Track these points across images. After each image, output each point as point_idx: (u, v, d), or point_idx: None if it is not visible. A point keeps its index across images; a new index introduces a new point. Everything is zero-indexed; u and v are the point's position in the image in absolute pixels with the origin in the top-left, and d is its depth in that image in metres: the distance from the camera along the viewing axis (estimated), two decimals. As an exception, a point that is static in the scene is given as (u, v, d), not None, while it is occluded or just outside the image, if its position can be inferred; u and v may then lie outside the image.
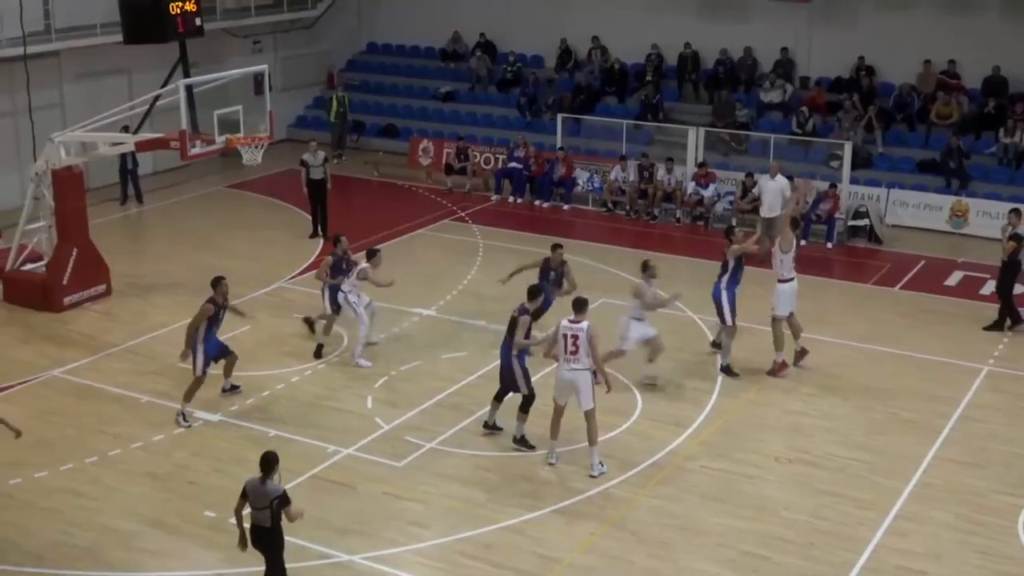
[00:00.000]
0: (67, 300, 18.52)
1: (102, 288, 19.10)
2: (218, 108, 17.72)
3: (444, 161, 26.90)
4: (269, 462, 10.19)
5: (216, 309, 14.61)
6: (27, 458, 13.64)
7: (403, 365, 16.35)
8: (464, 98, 30.33)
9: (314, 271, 18.01)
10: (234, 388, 15.41)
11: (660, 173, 24.22)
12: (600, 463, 13.34)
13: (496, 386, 14.25)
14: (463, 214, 24.39)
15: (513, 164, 25.74)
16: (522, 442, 13.86)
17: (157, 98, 19.88)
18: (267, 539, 10.30)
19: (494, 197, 25.73)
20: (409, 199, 25.78)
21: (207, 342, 14.57)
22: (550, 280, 16.61)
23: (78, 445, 13.96)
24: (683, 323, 18.00)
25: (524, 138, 26.14)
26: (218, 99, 18.16)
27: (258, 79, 18.63)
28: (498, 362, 14.25)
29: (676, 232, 23.46)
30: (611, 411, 14.72)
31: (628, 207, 24.46)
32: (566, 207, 25.01)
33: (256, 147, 18.04)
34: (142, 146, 18.84)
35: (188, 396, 14.63)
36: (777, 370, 16.01)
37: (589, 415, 13.21)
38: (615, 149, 25.57)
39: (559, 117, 26.19)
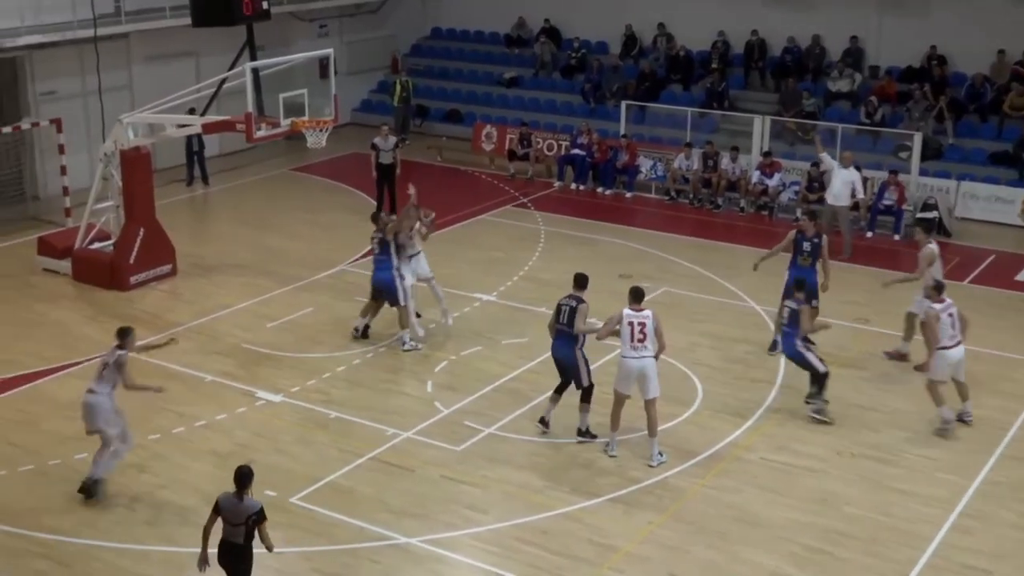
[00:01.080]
0: (133, 279, 18.78)
1: (168, 268, 19.34)
2: (284, 91, 17.83)
3: (507, 147, 26.87)
4: (244, 477, 9.74)
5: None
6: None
7: (463, 350, 16.37)
8: (528, 84, 30.27)
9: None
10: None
11: (724, 162, 24.00)
12: (660, 453, 13.28)
13: (555, 379, 14.17)
14: (525, 200, 24.37)
15: (576, 151, 25.65)
16: (586, 434, 13.81)
17: (224, 81, 20.05)
18: (239, 556, 9.80)
19: (556, 184, 25.67)
20: (471, 184, 25.80)
21: None
22: (803, 253, 16.04)
23: (143, 422, 14.14)
24: (745, 313, 17.84)
25: (587, 125, 26.04)
26: (284, 82, 18.26)
27: (323, 63, 18.67)
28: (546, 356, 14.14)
29: (739, 221, 23.25)
30: (671, 400, 14.64)
31: (691, 196, 24.28)
32: (628, 195, 24.89)
33: (320, 130, 18.13)
34: (209, 128, 19.01)
35: None
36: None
37: (651, 404, 13.17)
38: (679, 137, 25.39)
39: (623, 104, 26.05)
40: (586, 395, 13.77)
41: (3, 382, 15.34)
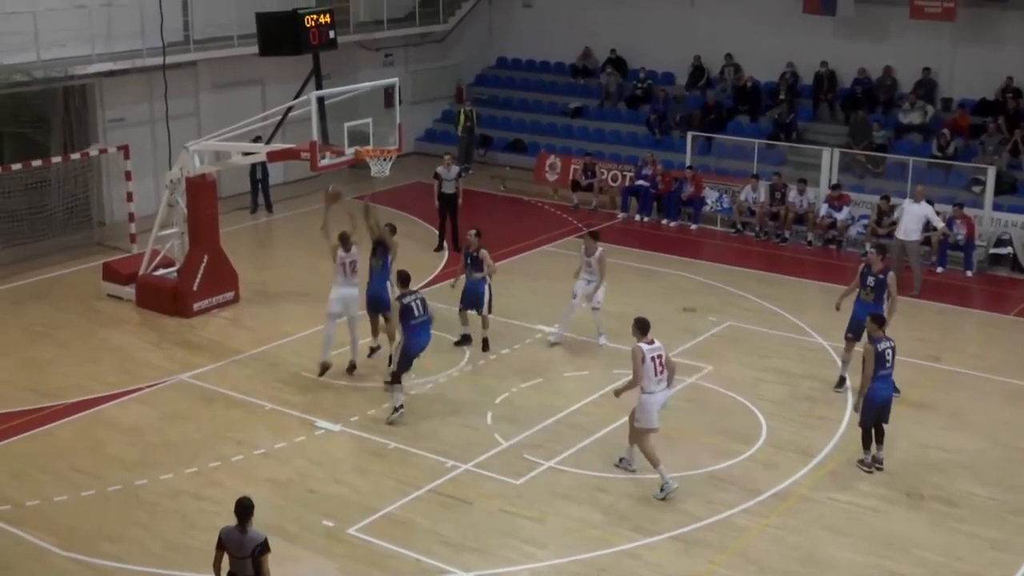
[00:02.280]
0: (197, 306, 19.03)
1: (231, 295, 19.58)
2: (348, 120, 17.99)
3: (571, 177, 26.91)
4: (246, 509, 9.65)
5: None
6: (154, 459, 14.06)
7: (524, 382, 16.38)
8: (593, 114, 30.34)
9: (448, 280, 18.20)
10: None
11: (792, 194, 23.84)
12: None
13: (618, 413, 14.13)
14: (588, 231, 24.31)
15: (640, 182, 25.62)
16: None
17: (289, 109, 20.34)
18: None
19: (620, 215, 25.65)
20: (535, 215, 25.86)
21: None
22: (866, 287, 15.80)
23: (203, 449, 14.31)
24: (811, 349, 17.67)
25: (652, 156, 26.00)
26: (349, 111, 18.46)
27: (388, 92, 18.84)
28: (616, 383, 14.10)
29: (807, 255, 23.05)
30: (734, 436, 14.52)
31: (758, 228, 24.13)
32: (693, 227, 24.79)
33: (384, 159, 18.27)
34: (274, 156, 19.26)
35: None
36: None
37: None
38: (746, 169, 25.26)
39: (689, 135, 26.01)
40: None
41: (68, 407, 15.60)
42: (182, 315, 18.90)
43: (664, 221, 25.10)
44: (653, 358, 13.06)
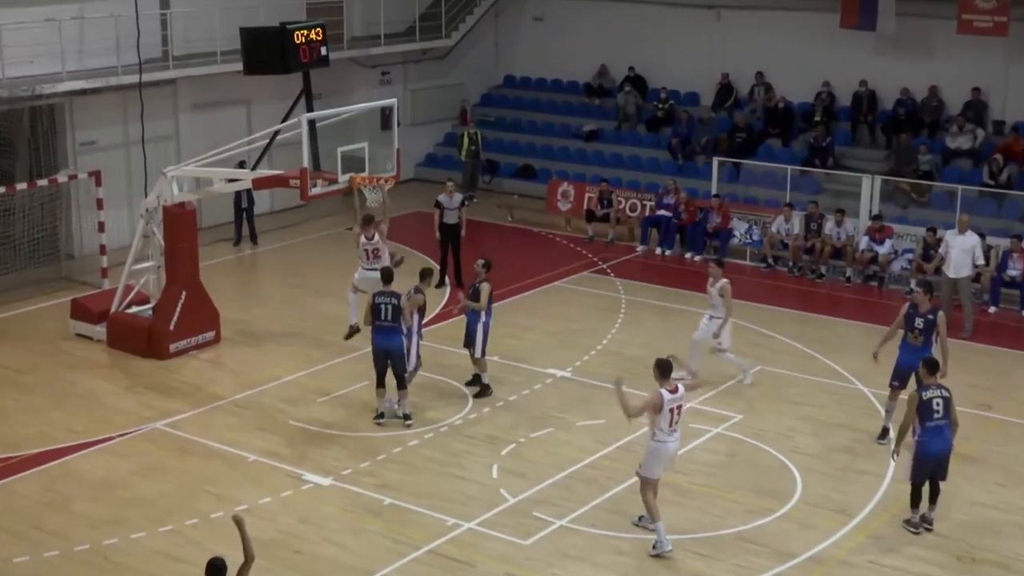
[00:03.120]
0: (173, 347, 19.06)
1: (211, 335, 19.61)
2: (342, 144, 18.11)
3: (585, 207, 26.98)
4: (218, 570, 9.90)
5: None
6: (125, 516, 14.03)
7: (533, 431, 16.36)
8: (609, 138, 30.47)
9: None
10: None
11: (829, 226, 23.87)
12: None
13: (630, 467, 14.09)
14: (604, 266, 24.40)
15: (662, 212, 25.68)
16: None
17: (277, 132, 20.44)
18: None
19: (640, 248, 25.68)
20: (545, 247, 25.91)
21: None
22: (913, 330, 15.71)
23: (179, 504, 14.29)
24: (850, 396, 17.62)
25: (675, 183, 26.09)
26: (342, 134, 18.56)
27: (386, 113, 18.94)
28: (636, 434, 14.12)
29: (845, 293, 23.04)
30: (766, 494, 14.47)
31: (791, 263, 24.15)
32: (720, 261, 24.81)
33: (381, 187, 18.37)
34: (260, 183, 19.34)
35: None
36: None
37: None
38: (778, 198, 25.32)
39: (715, 160, 26.08)
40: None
41: (32, 457, 15.59)
42: (157, 357, 18.92)
43: (688, 255, 25.13)
44: (672, 409, 13.09)
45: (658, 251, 25.43)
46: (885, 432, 15.98)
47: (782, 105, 28.27)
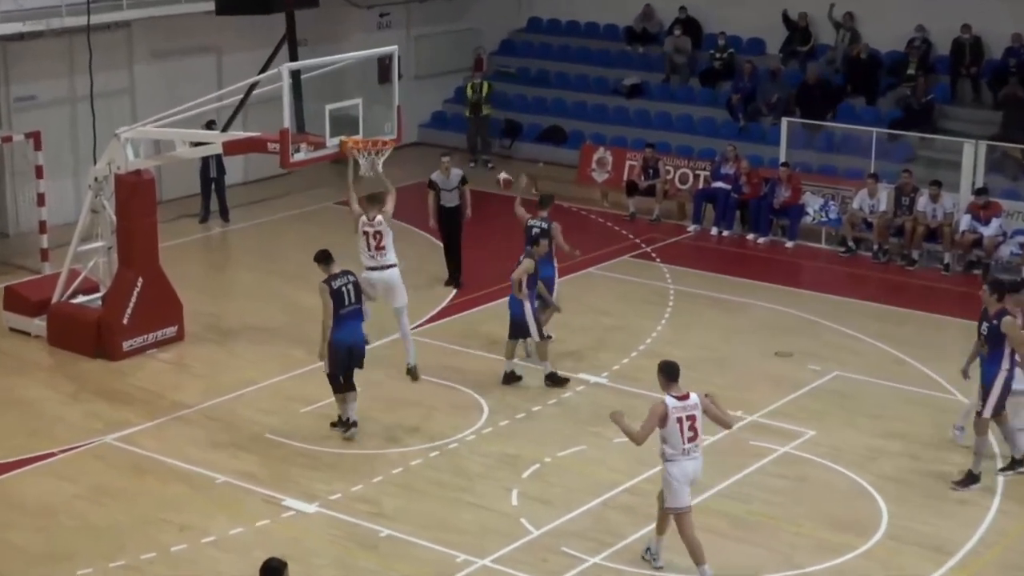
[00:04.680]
0: (127, 345, 19.12)
1: (172, 331, 19.66)
2: (331, 101, 18.12)
3: (626, 177, 26.96)
4: (275, 572, 10.30)
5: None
6: (70, 549, 14.09)
7: (561, 449, 16.36)
8: (656, 93, 30.43)
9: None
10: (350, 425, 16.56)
11: (923, 201, 23.81)
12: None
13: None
14: (648, 249, 24.39)
15: (719, 184, 25.64)
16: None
17: (254, 86, 20.48)
18: None
19: (691, 227, 25.66)
20: (577, 227, 25.84)
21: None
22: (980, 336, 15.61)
23: (133, 536, 14.34)
24: (948, 409, 17.58)
25: (735, 149, 26.04)
26: (332, 89, 18.56)
27: (384, 64, 18.98)
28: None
29: (943, 283, 22.96)
30: (843, 526, 14.46)
31: (876, 247, 24.11)
32: (789, 244, 24.79)
33: (378, 153, 18.36)
34: (232, 148, 19.36)
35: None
36: None
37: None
38: (861, 167, 25.25)
39: (784, 122, 26.04)
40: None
41: (-45, 478, 15.72)
42: (108, 357, 19.00)
43: (750, 236, 25.10)
44: (681, 419, 13.03)
45: (714, 231, 25.39)
46: (1014, 463, 15.82)
47: (866, 55, 28.19)
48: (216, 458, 16.14)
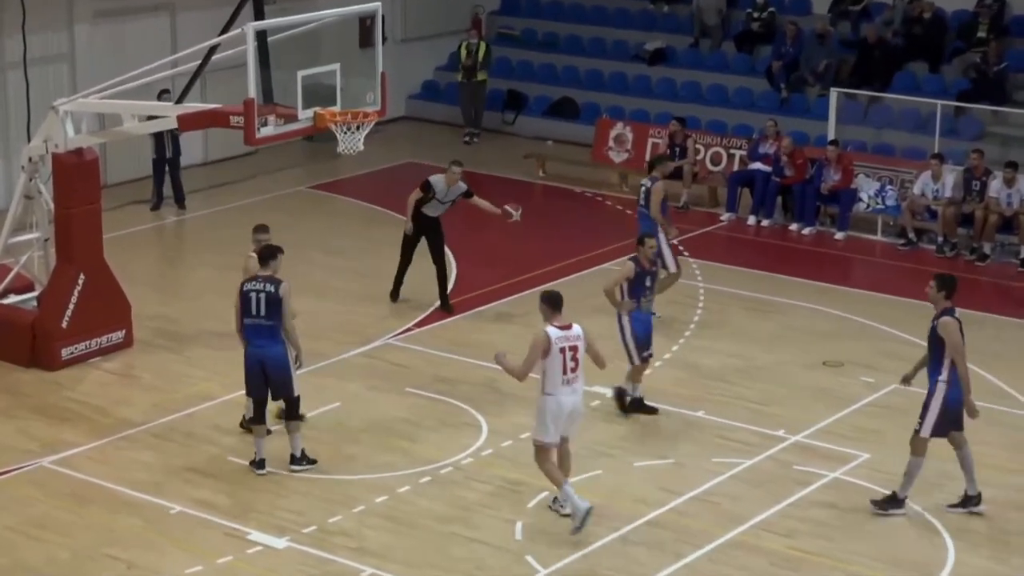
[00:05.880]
0: (67, 353, 19.13)
1: (119, 336, 19.68)
2: (304, 67, 18.13)
3: (648, 157, 26.93)
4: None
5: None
6: (-2, 590, 14.13)
7: (574, 475, 16.32)
8: (683, 60, 30.48)
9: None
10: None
11: (995, 186, 23.83)
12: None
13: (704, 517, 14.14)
14: (675, 241, 24.37)
15: (757, 165, 25.65)
16: None
17: (213, 50, 20.46)
18: None
19: (725, 216, 25.68)
20: (591, 215, 25.90)
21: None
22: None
23: (72, 573, 14.35)
24: (1022, 422, 17.64)
25: (776, 125, 26.06)
26: (305, 54, 18.59)
27: (366, 24, 18.97)
28: (718, 479, 14.13)
29: (1019, 281, 22.96)
30: (903, 566, 14.46)
31: (941, 238, 24.12)
32: (839, 235, 24.83)
33: (359, 127, 18.36)
34: (188, 122, 19.33)
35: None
36: None
37: (567, 442, 15.09)
38: (923, 146, 25.28)
39: (833, 93, 26.07)
40: None
41: None
42: (44, 366, 19.02)
43: (793, 226, 25.13)
44: (564, 349, 14.39)
45: (751, 220, 25.43)
46: (966, 500, 15.81)
47: (929, 15, 28.20)
48: (170, 484, 16.13)
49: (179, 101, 20.73)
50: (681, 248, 23.93)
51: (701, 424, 17.48)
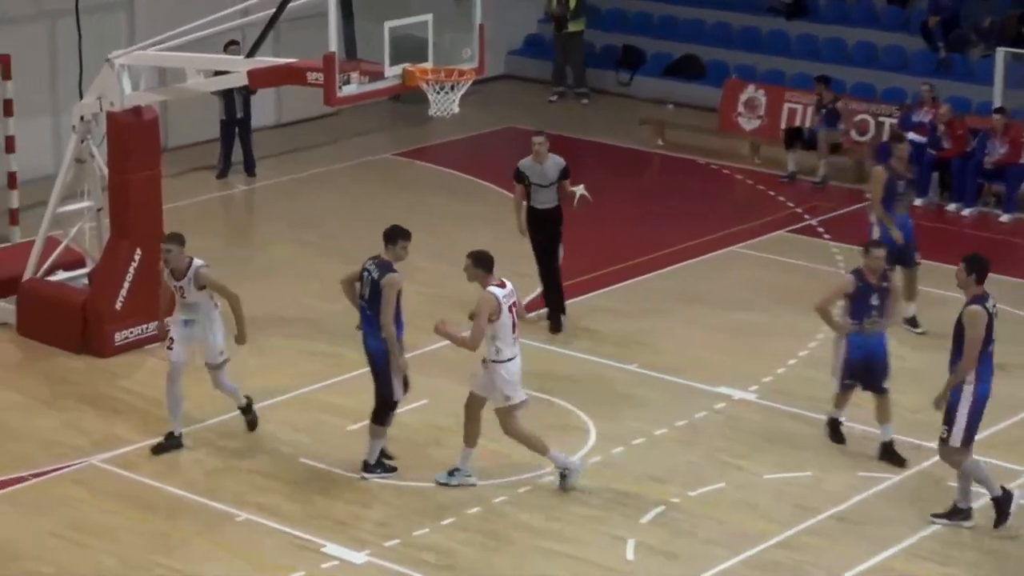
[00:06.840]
0: (120, 337, 19.31)
1: (179, 320, 19.82)
2: (391, 18, 18.14)
3: (784, 124, 26.83)
4: None
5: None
6: (40, 604, 14.25)
7: (695, 487, 16.30)
8: (824, 13, 30.35)
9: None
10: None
11: None
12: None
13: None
14: (813, 221, 24.24)
15: (910, 136, 25.43)
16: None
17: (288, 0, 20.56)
18: None
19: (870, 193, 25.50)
20: (718, 190, 25.83)
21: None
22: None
23: (122, 587, 14.48)
24: None
25: (932, 90, 25.86)
26: (393, 3, 18.60)
27: (463, -30, 19.04)
28: (861, 495, 14.02)
29: None
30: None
31: None
32: (1005, 217, 24.65)
33: (453, 87, 18.35)
34: (259, 78, 19.38)
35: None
36: None
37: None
38: (1106, 116, 25.04)
39: (999, 53, 25.85)
40: None
41: None
42: (96, 352, 19.19)
43: (951, 206, 24.96)
44: (511, 307, 15.61)
45: (903, 199, 25.27)
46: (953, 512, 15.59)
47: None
48: (233, 488, 16.22)
49: (250, 55, 20.80)
50: (819, 227, 23.82)
51: (844, 432, 17.32)
